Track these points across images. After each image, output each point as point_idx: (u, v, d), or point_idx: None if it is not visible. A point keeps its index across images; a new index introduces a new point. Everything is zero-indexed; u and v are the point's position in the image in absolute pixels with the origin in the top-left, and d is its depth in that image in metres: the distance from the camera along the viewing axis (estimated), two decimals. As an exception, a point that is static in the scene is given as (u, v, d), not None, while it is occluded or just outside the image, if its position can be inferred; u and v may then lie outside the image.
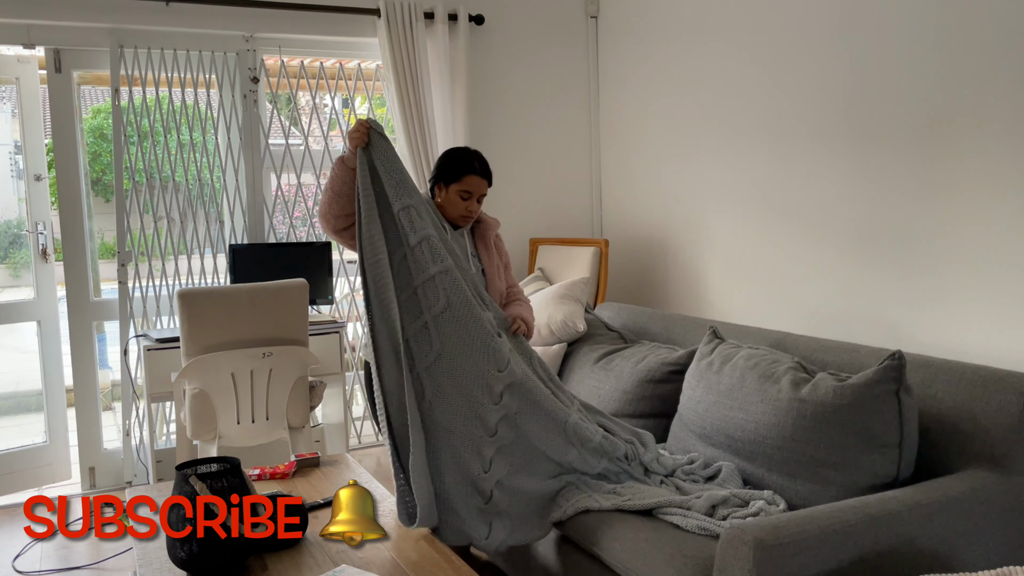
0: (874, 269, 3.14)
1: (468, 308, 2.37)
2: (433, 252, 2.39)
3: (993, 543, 2.08)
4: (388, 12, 4.13)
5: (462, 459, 2.38)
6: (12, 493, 4.00)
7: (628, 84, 4.51)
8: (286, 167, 4.28)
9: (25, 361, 7.17)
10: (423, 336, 2.40)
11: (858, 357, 2.50)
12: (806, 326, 3.45)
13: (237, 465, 2.11)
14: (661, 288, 4.33)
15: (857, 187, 3.20)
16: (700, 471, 2.52)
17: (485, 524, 2.36)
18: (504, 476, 2.38)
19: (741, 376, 2.49)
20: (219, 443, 3.28)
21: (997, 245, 2.72)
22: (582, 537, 2.31)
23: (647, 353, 3.06)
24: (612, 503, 2.32)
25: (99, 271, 4.86)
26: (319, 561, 2.11)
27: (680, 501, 2.28)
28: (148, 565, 2.11)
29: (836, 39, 3.24)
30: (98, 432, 4.08)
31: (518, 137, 4.69)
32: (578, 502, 2.36)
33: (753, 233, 3.72)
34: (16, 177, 7.30)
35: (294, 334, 3.35)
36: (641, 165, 4.45)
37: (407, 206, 2.41)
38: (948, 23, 2.82)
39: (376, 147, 2.43)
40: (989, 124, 2.72)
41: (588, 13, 4.73)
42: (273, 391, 3.33)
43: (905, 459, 2.18)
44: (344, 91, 4.46)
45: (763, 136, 3.63)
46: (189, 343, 3.20)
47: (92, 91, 13.42)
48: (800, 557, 1.80)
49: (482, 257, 2.71)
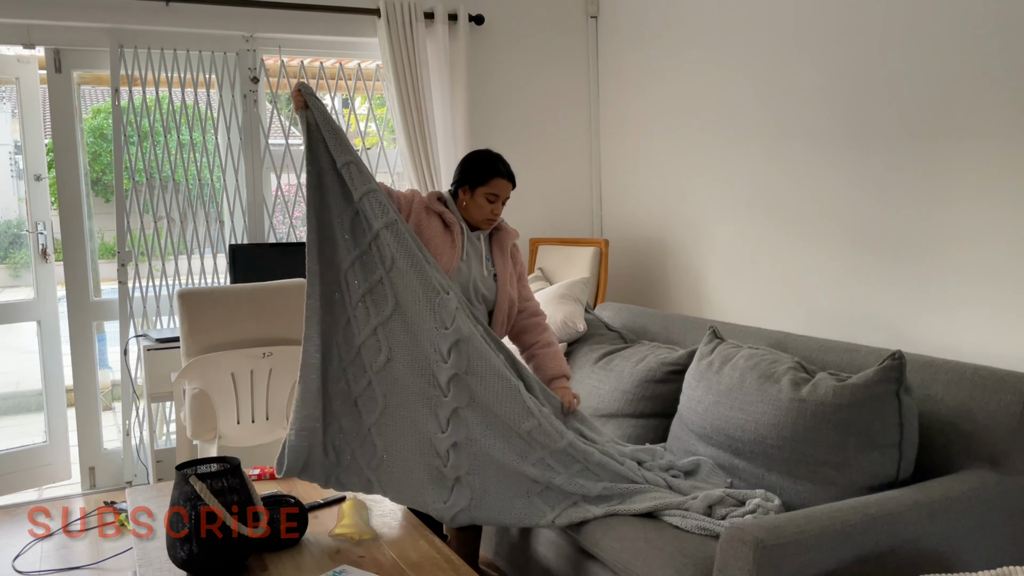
0: (874, 269, 3.14)
1: (413, 262, 2.35)
2: (378, 206, 2.38)
3: (993, 543, 2.08)
4: (388, 12, 4.14)
5: (419, 416, 2.36)
6: (12, 493, 4.01)
7: (628, 84, 4.51)
8: (286, 167, 4.28)
9: (25, 361, 7.18)
10: (379, 292, 2.39)
11: (858, 357, 2.50)
12: (806, 326, 3.45)
13: (237, 465, 2.11)
14: (661, 288, 4.33)
15: (857, 187, 3.20)
16: (680, 465, 2.53)
17: (445, 488, 2.33)
18: (462, 440, 2.33)
19: (741, 376, 2.49)
20: (219, 443, 3.28)
21: (997, 245, 2.72)
22: (582, 537, 2.31)
23: (647, 353, 3.06)
24: (605, 510, 2.31)
25: (99, 271, 4.86)
26: (319, 561, 2.11)
27: (678, 503, 2.28)
28: (148, 565, 2.12)
29: (836, 39, 3.24)
30: (98, 432, 4.08)
31: (518, 137, 4.70)
32: (573, 514, 2.33)
33: (753, 233, 3.72)
34: (16, 177, 7.30)
35: (294, 334, 3.35)
36: (641, 165, 4.45)
37: (348, 162, 2.40)
38: (948, 23, 2.82)
39: (314, 109, 2.42)
40: (989, 124, 2.72)
41: (588, 13, 4.73)
42: (273, 391, 3.33)
43: (905, 459, 2.18)
44: (344, 91, 4.46)
45: (763, 136, 3.63)
46: (189, 343, 3.20)
47: (92, 91, 13.43)
48: (800, 557, 1.80)
49: (496, 262, 2.71)
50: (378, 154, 4.53)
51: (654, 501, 2.30)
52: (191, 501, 2.00)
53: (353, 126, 4.48)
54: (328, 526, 2.34)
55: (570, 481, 2.35)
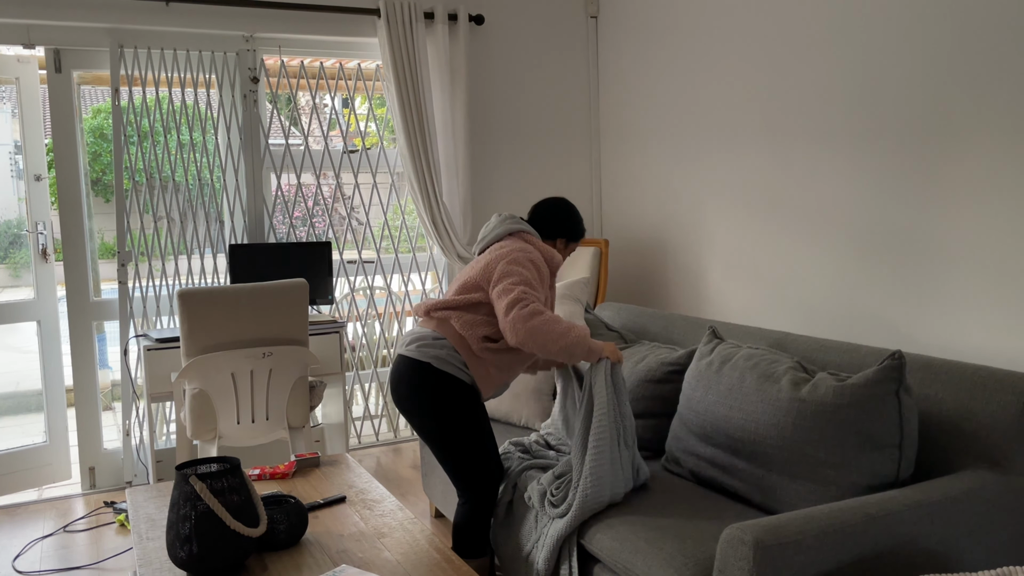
0: (874, 269, 3.14)
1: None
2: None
3: (993, 543, 2.08)
4: (388, 12, 4.13)
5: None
6: (12, 493, 4.01)
7: (628, 84, 4.51)
8: (286, 167, 4.28)
9: (25, 361, 7.18)
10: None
11: (858, 357, 2.50)
12: (806, 326, 3.45)
13: (237, 465, 2.11)
14: (661, 288, 4.33)
15: (857, 187, 3.20)
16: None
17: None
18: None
19: (741, 376, 2.49)
20: (219, 443, 3.28)
21: (997, 245, 2.72)
22: (582, 537, 2.31)
23: (647, 353, 3.06)
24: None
25: (99, 271, 4.87)
26: (319, 561, 2.11)
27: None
28: (148, 565, 2.12)
29: (836, 39, 3.24)
30: (98, 432, 4.08)
31: (518, 137, 4.69)
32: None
33: (753, 233, 3.72)
34: (16, 177, 7.31)
35: (294, 334, 3.35)
36: (641, 165, 4.45)
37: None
38: (948, 23, 2.82)
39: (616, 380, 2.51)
40: (989, 124, 2.72)
41: (588, 13, 4.73)
42: (273, 391, 3.33)
43: (905, 459, 2.18)
44: (344, 91, 4.46)
45: (763, 136, 3.63)
46: (189, 343, 3.20)
47: (92, 91, 13.44)
48: (800, 557, 1.80)
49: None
50: (378, 154, 4.53)
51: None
52: (191, 501, 2.00)
53: (353, 126, 4.47)
54: (328, 526, 2.34)
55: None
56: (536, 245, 2.61)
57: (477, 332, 2.50)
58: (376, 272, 4.54)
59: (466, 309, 2.51)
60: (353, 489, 2.63)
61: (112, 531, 3.53)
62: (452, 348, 2.50)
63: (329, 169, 4.40)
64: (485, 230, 2.70)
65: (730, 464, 2.47)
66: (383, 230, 4.60)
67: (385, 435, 4.78)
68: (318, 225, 4.52)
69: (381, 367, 4.71)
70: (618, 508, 2.35)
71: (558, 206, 2.73)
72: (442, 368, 2.48)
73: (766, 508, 2.32)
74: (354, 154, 4.44)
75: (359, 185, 4.49)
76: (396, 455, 4.48)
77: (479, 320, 2.50)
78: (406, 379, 2.52)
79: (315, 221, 4.40)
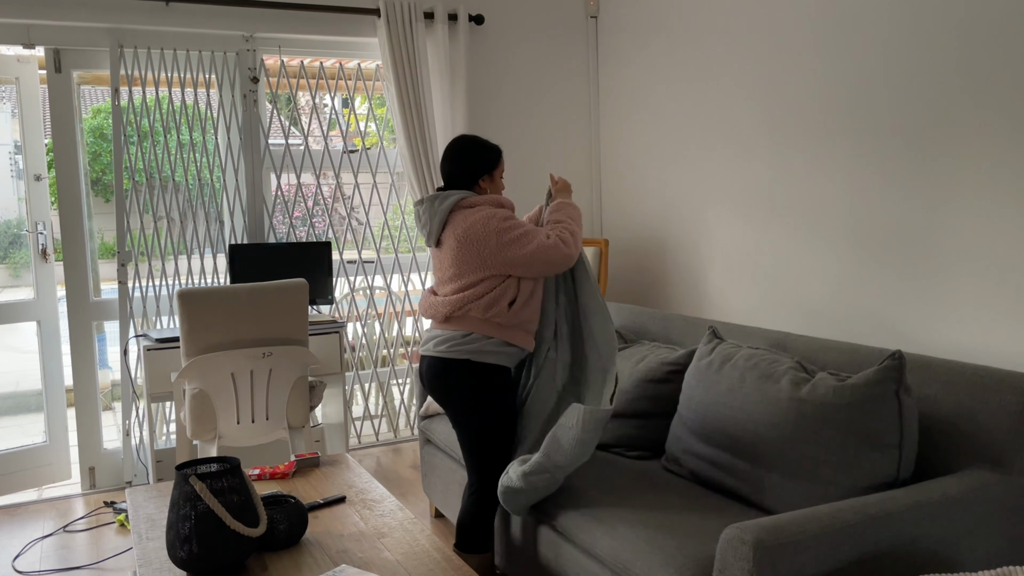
0: (874, 269, 3.14)
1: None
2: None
3: (993, 543, 2.08)
4: (388, 12, 4.13)
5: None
6: (12, 493, 4.01)
7: (628, 84, 4.51)
8: (286, 167, 4.28)
9: (25, 361, 7.18)
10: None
11: (858, 357, 2.50)
12: (806, 326, 3.45)
13: (237, 465, 2.11)
14: (661, 288, 4.33)
15: (857, 187, 3.20)
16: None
17: None
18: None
19: (741, 376, 2.49)
20: (219, 443, 3.28)
21: (997, 245, 2.72)
22: (582, 537, 2.31)
23: (647, 353, 3.06)
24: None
25: (99, 271, 4.86)
26: (319, 561, 2.11)
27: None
28: (148, 565, 2.12)
29: (836, 39, 3.24)
30: (98, 432, 4.08)
31: (518, 137, 4.69)
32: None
33: (753, 233, 3.72)
34: (16, 177, 7.31)
35: (294, 334, 3.35)
36: (641, 165, 4.45)
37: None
38: (948, 23, 2.82)
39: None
40: (989, 124, 2.72)
41: (588, 13, 4.73)
42: (273, 391, 3.33)
43: (905, 459, 2.18)
44: (344, 91, 4.46)
45: (763, 136, 3.63)
46: (189, 343, 3.20)
47: (92, 91, 13.43)
48: (800, 557, 1.80)
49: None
50: (378, 154, 4.53)
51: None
52: (191, 501, 2.00)
53: (353, 126, 4.47)
54: (328, 526, 2.34)
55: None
56: (477, 203, 2.61)
57: (502, 304, 2.55)
58: (376, 272, 4.54)
59: (480, 295, 2.56)
60: (353, 489, 2.63)
61: (112, 531, 3.53)
62: (484, 337, 2.56)
63: (329, 169, 4.40)
64: (428, 221, 2.66)
65: (730, 464, 2.47)
66: (383, 230, 4.60)
67: (385, 435, 4.78)
68: (318, 225, 4.52)
69: (381, 367, 4.71)
70: (618, 508, 2.34)
71: (457, 154, 2.69)
72: (482, 361, 2.55)
73: (766, 508, 2.32)
74: (354, 154, 4.44)
75: (359, 185, 4.49)
76: (396, 455, 4.48)
77: (496, 295, 2.55)
78: (443, 378, 2.60)
79: (315, 221, 4.40)
